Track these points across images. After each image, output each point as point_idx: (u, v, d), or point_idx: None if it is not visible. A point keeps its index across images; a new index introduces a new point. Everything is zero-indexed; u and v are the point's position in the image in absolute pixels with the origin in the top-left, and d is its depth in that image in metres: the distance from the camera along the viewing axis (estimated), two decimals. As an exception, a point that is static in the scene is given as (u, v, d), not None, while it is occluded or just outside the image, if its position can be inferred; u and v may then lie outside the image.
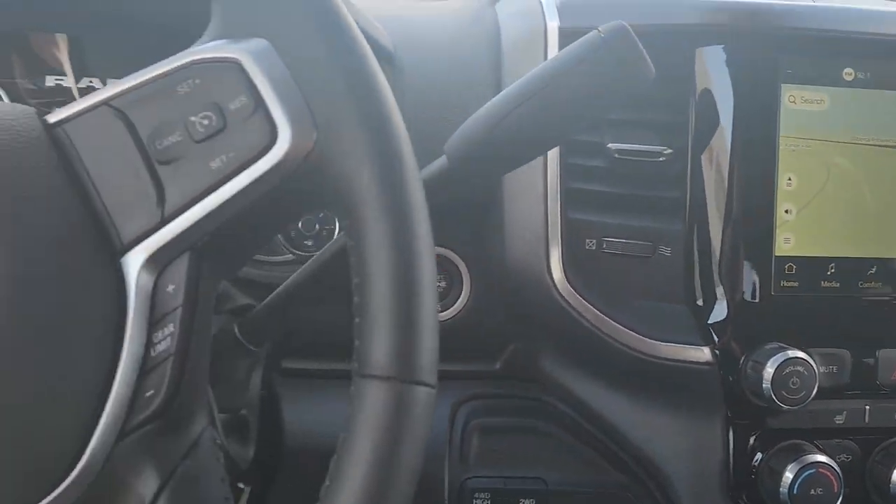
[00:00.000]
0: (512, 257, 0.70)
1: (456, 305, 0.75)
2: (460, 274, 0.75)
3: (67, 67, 0.85)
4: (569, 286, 0.67)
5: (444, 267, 0.75)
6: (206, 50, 0.39)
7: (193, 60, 0.38)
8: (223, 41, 0.39)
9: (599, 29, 0.50)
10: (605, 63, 0.49)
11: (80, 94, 0.84)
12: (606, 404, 0.73)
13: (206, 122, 0.37)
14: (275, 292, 0.60)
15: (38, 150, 0.37)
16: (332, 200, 0.38)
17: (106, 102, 0.38)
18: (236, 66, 0.38)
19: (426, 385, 0.36)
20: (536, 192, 0.68)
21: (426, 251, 0.37)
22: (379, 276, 0.36)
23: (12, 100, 0.82)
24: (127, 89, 0.39)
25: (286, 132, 0.37)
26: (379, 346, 0.35)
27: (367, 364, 0.36)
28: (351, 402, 0.36)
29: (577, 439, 0.73)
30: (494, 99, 0.52)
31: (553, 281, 0.67)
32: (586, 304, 0.67)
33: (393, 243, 0.36)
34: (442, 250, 0.74)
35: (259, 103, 0.37)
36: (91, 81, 0.83)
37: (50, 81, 0.83)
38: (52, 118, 0.39)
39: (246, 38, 0.39)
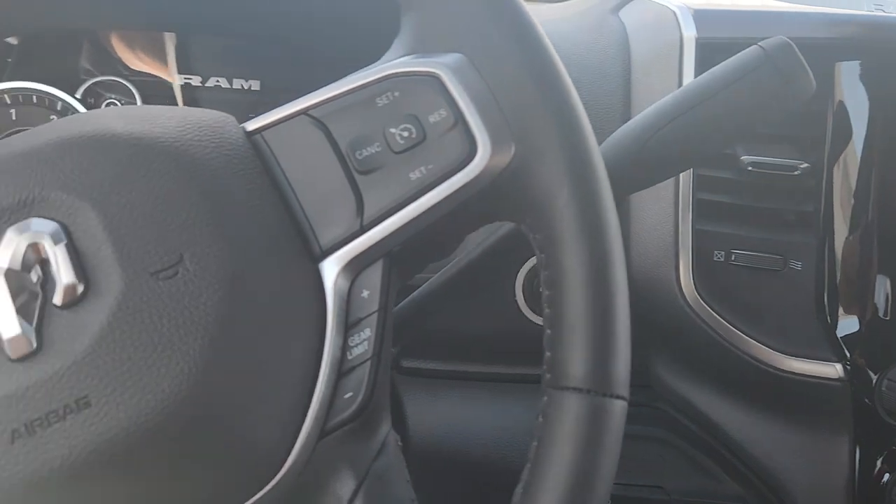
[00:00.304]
0: (638, 266, 0.70)
1: (574, 311, 0.75)
2: (579, 279, 0.76)
3: (173, 66, 0.87)
4: (698, 297, 0.67)
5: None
6: (403, 64, 0.40)
7: (391, 74, 0.40)
8: (419, 55, 0.40)
9: (761, 44, 0.50)
10: (768, 78, 0.49)
11: (182, 92, 0.87)
12: (725, 415, 0.73)
13: (405, 133, 0.38)
14: (415, 293, 0.61)
15: (242, 156, 0.38)
16: (524, 213, 0.39)
17: (304, 112, 0.40)
18: (435, 80, 0.39)
19: (622, 398, 0.36)
20: (666, 201, 0.68)
21: (621, 268, 0.37)
22: (576, 291, 0.37)
23: (144, 97, 0.85)
24: (325, 100, 0.40)
25: (485, 146, 0.38)
26: (577, 359, 0.36)
27: (563, 376, 0.36)
28: (544, 412, 0.37)
29: (694, 448, 0.73)
30: (648, 110, 0.52)
31: (682, 291, 0.67)
32: (715, 315, 0.67)
33: (591, 260, 0.37)
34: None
35: (459, 117, 0.38)
36: (218, 81, 0.85)
37: (179, 80, 0.85)
38: (251, 126, 0.40)
39: (442, 52, 0.40)
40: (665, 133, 0.51)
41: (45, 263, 0.34)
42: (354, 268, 0.38)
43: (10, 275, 0.33)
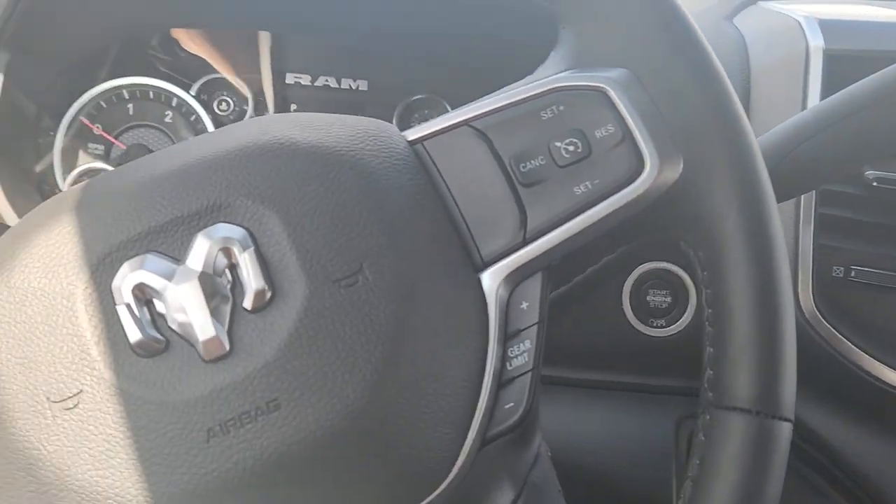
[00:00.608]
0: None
1: (680, 322, 0.75)
2: (686, 289, 0.75)
3: (266, 65, 0.87)
4: (817, 313, 0.66)
5: (670, 281, 0.75)
6: (567, 78, 0.40)
7: (556, 87, 0.40)
8: (582, 69, 0.40)
9: None
10: None
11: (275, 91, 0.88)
12: (839, 434, 0.71)
13: (570, 147, 0.39)
14: None
15: (409, 166, 0.39)
16: (687, 230, 0.39)
17: (467, 123, 0.40)
18: (602, 94, 0.39)
19: (789, 421, 0.36)
20: (786, 214, 0.67)
21: (789, 288, 0.37)
22: (744, 312, 0.36)
23: (255, 95, 0.87)
24: (488, 112, 0.40)
25: (653, 163, 0.38)
26: (745, 380, 0.36)
27: (729, 396, 0.36)
28: (707, 431, 0.37)
29: (807, 467, 0.72)
30: (790, 122, 0.52)
31: (800, 306, 0.66)
32: (834, 332, 0.66)
33: (760, 281, 0.36)
34: (667, 265, 0.74)
35: (626, 133, 0.38)
36: (327, 80, 0.87)
37: (290, 80, 0.86)
38: (412, 135, 0.40)
39: (606, 67, 0.40)
40: (808, 146, 0.50)
41: (233, 268, 0.35)
42: (514, 279, 0.39)
43: (203, 278, 0.34)
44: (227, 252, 0.34)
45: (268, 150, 0.37)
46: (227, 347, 0.33)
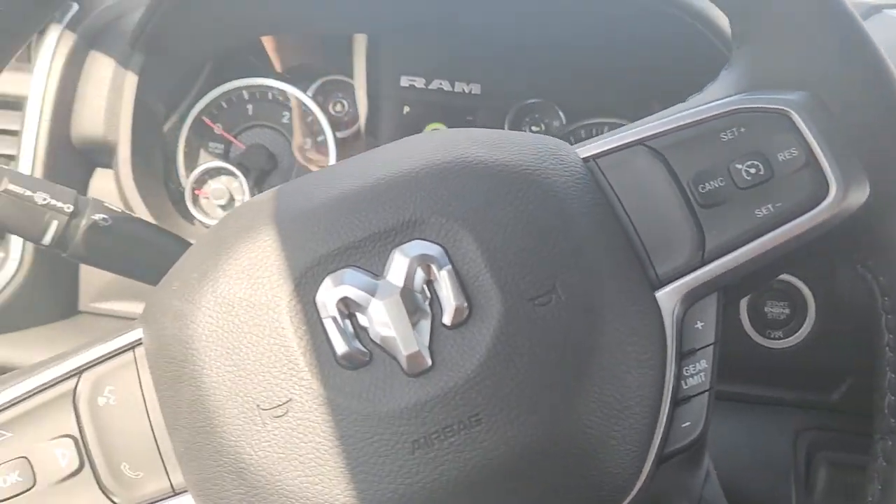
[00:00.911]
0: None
1: (798, 333, 0.74)
2: (805, 301, 0.74)
3: (361, 67, 0.88)
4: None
5: (789, 293, 0.74)
6: (748, 100, 0.40)
7: (736, 109, 0.40)
8: (761, 92, 0.40)
9: None
10: None
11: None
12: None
13: (752, 170, 0.39)
14: None
15: (587, 184, 0.39)
16: (868, 256, 0.39)
17: (642, 142, 0.40)
18: (784, 117, 0.39)
19: None
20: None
21: None
22: None
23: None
24: (664, 131, 0.40)
25: (838, 188, 0.38)
26: None
27: None
28: (891, 457, 0.37)
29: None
30: None
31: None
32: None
33: None
34: (786, 276, 0.74)
35: (810, 157, 0.38)
36: (441, 84, 0.87)
37: (405, 82, 0.88)
38: (585, 152, 0.41)
39: (787, 89, 0.40)
40: None
41: (430, 284, 0.36)
42: (690, 299, 0.39)
43: (405, 294, 0.35)
44: (425, 268, 0.35)
45: (457, 168, 0.37)
46: (430, 362, 0.34)
